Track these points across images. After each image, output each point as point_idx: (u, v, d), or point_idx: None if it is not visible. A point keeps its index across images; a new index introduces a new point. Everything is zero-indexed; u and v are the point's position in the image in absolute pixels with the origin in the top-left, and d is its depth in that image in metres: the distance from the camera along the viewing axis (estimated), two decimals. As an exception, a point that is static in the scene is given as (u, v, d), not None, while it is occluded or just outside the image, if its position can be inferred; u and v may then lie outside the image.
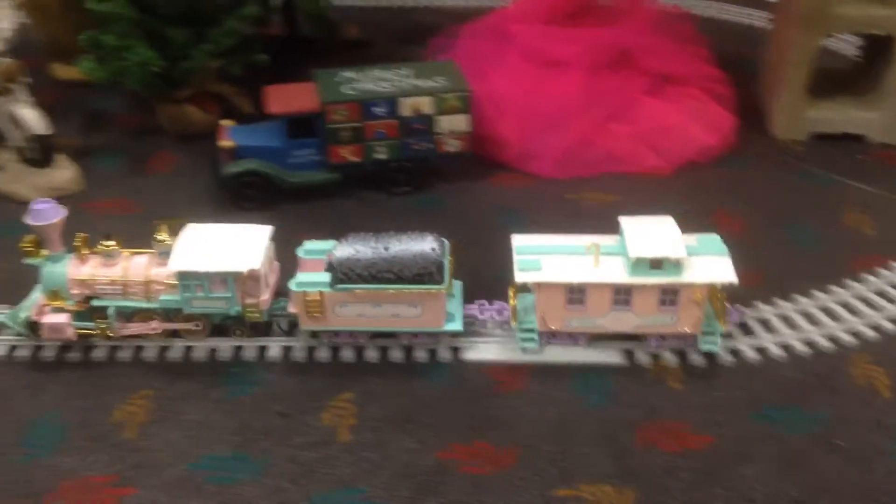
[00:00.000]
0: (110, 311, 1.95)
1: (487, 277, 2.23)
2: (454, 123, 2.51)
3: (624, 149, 2.67)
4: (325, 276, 1.93)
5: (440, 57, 3.11)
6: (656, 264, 1.88)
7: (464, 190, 2.63)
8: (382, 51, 3.40)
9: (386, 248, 1.94)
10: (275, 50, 2.92)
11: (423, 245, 1.95)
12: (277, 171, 2.48)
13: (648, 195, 2.59)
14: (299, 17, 3.23)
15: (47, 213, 1.94)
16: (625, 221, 1.97)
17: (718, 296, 1.97)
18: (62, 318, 1.94)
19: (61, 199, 2.46)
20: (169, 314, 1.98)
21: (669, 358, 2.00)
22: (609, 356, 2.01)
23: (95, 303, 1.95)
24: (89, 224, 2.35)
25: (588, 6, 2.86)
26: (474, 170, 2.67)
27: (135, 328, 1.98)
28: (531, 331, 2.00)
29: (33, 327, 1.94)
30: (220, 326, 2.02)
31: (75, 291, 1.95)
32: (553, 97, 2.68)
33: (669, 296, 1.92)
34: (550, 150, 2.66)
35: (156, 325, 1.98)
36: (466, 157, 2.59)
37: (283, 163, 2.49)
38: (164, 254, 1.93)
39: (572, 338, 2.01)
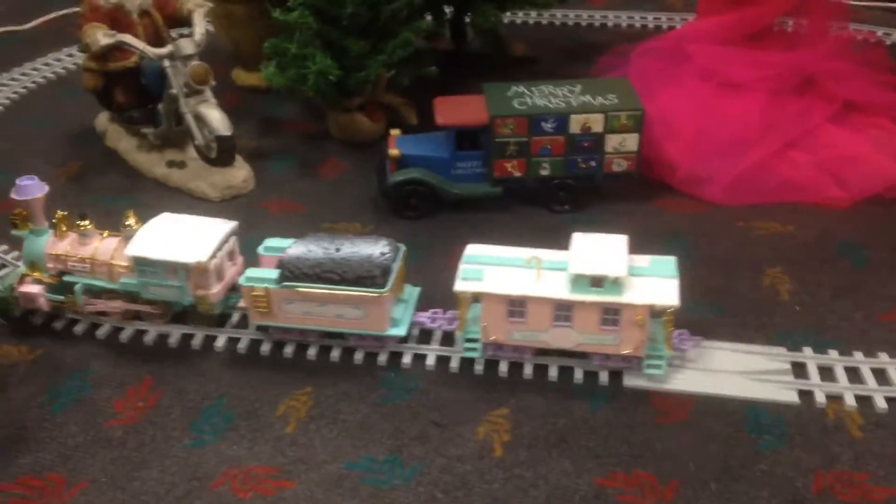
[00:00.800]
0: (77, 288, 2.04)
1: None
2: (623, 143, 2.44)
3: (803, 177, 2.52)
4: (274, 273, 1.96)
5: (610, 75, 3.07)
6: (596, 282, 1.85)
7: (626, 211, 2.55)
8: (548, 67, 3.38)
9: (337, 250, 1.97)
10: (442, 64, 2.96)
11: (374, 249, 1.96)
12: (441, 181, 2.50)
13: (826, 228, 2.43)
14: (468, 33, 3.27)
15: (30, 189, 2.05)
16: (576, 237, 1.95)
17: (667, 319, 1.89)
18: (35, 289, 2.06)
19: (235, 197, 2.63)
20: (131, 296, 2.04)
21: (849, 402, 1.85)
22: (783, 394, 1.88)
23: (66, 278, 2.06)
24: (260, 223, 2.48)
25: (770, 29, 2.72)
26: (638, 191, 2.59)
27: (100, 306, 2.07)
28: (475, 340, 1.97)
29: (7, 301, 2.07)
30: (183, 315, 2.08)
31: (50, 265, 2.07)
32: (729, 120, 2.57)
33: (611, 315, 1.87)
34: (722, 175, 2.54)
35: (117, 306, 2.06)
36: (632, 177, 2.52)
37: (447, 174, 2.51)
38: (130, 238, 2.01)
39: (517, 351, 1.97)
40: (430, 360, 2.00)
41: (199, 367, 2.00)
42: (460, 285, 1.91)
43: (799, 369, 1.96)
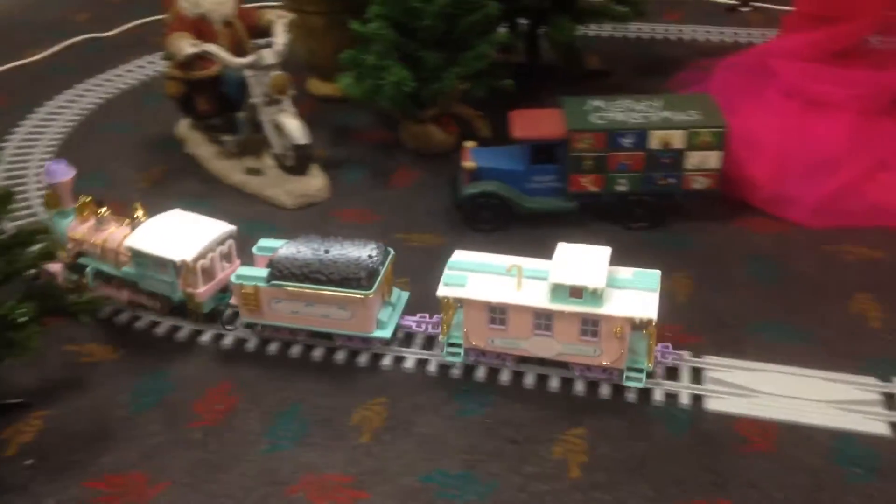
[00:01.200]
0: (88, 270, 2.12)
1: (729, 327, 2.11)
2: (705, 160, 2.39)
3: (892, 200, 2.43)
4: (264, 272, 1.99)
5: (685, 90, 3.01)
6: (576, 293, 1.85)
7: (705, 230, 2.49)
8: (622, 81, 3.34)
9: (326, 251, 1.99)
10: (515, 75, 2.95)
11: (362, 252, 2.01)
12: (515, 195, 2.48)
13: (920, 254, 2.35)
14: (542, 45, 3.25)
15: (58, 173, 2.18)
16: (560, 247, 1.97)
17: (648, 332, 1.88)
18: (56, 267, 2.14)
19: (310, 205, 2.65)
20: (133, 286, 2.10)
21: (946, 438, 1.77)
22: (873, 426, 1.81)
23: (81, 260, 2.14)
24: (333, 232, 2.48)
25: (858, 46, 2.63)
26: (718, 209, 2.53)
27: (108, 291, 2.14)
28: (457, 346, 1.99)
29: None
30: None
31: (70, 246, 2.14)
32: (815, 139, 2.49)
33: (590, 326, 1.88)
34: (808, 196, 2.46)
35: (123, 293, 2.13)
36: (712, 195, 2.46)
37: (522, 187, 2.49)
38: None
39: (500, 358, 1.98)
40: (505, 377, 1.97)
41: (274, 373, 2.01)
42: (442, 290, 1.96)
43: (890, 400, 1.88)
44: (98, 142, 3.00)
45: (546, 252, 2.17)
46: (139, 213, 2.13)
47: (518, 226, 2.51)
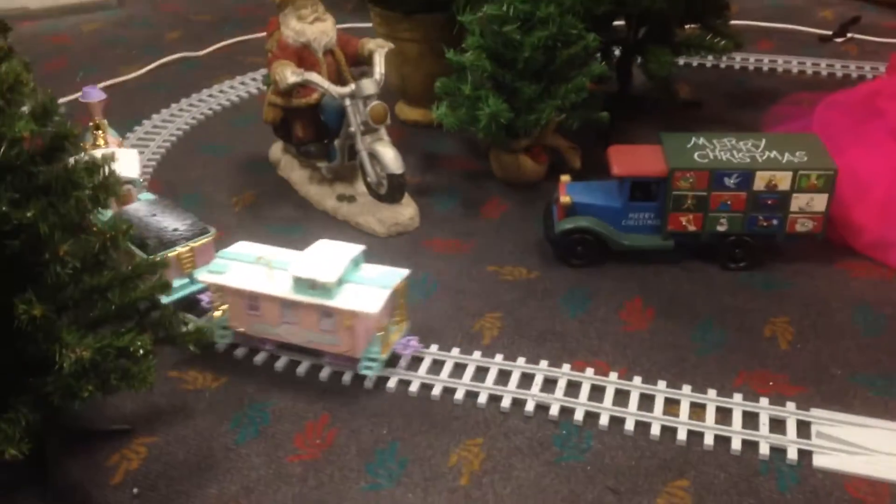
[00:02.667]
0: None
1: (834, 378, 2.04)
2: (811, 203, 2.33)
3: None
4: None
5: (782, 125, 2.95)
6: (312, 285, 2.02)
7: (806, 273, 2.42)
8: (715, 112, 3.28)
9: (153, 215, 2.29)
10: (607, 106, 2.92)
11: (177, 223, 2.27)
12: (610, 231, 2.45)
13: None
14: (634, 74, 3.21)
15: (92, 94, 2.66)
16: (317, 243, 2.14)
17: (380, 324, 2.07)
18: None
19: (401, 234, 2.66)
20: None
21: None
22: None
23: None
24: (424, 262, 2.50)
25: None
26: (819, 253, 2.46)
27: None
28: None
29: None
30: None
31: None
32: (925, 184, 2.42)
33: (327, 316, 2.04)
34: (916, 242, 2.39)
35: None
36: (817, 238, 2.40)
37: (618, 224, 2.45)
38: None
39: (262, 342, 2.15)
40: (604, 420, 1.95)
41: (371, 408, 2.01)
42: (203, 276, 2.17)
43: None
44: (193, 163, 3.06)
45: (645, 291, 2.13)
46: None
47: (613, 262, 2.48)
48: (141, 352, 1.64)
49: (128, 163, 2.53)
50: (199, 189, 2.89)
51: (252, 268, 2.13)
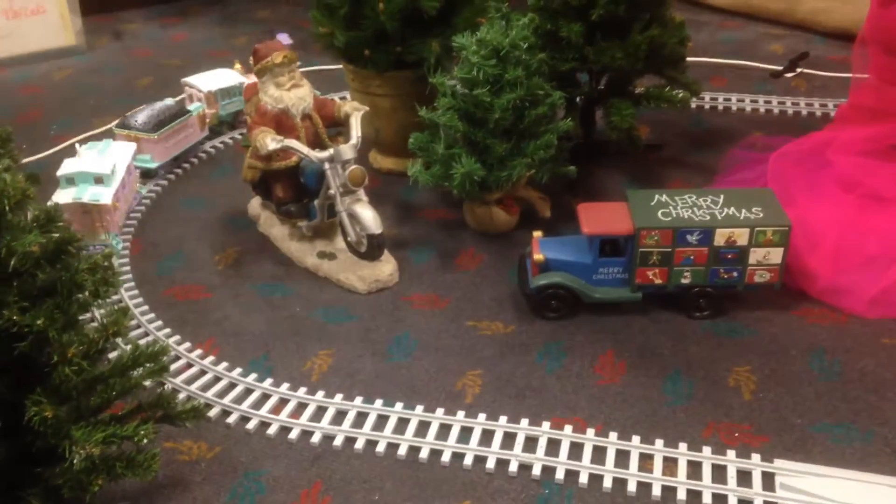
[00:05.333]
0: None
1: (795, 427, 2.18)
2: (768, 256, 2.48)
3: (950, 294, 2.51)
4: None
5: (738, 171, 3.11)
6: None
7: (766, 320, 2.57)
8: (675, 154, 3.44)
9: None
10: (572, 152, 3.06)
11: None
12: (582, 285, 2.57)
13: (978, 351, 2.41)
14: (596, 121, 3.35)
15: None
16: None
17: None
18: None
19: (381, 290, 2.75)
20: None
21: None
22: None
23: None
24: (407, 318, 2.60)
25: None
26: (778, 299, 2.61)
27: None
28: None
29: None
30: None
31: None
32: (873, 232, 2.58)
33: None
34: (865, 288, 2.54)
35: None
36: (774, 288, 2.55)
37: (589, 278, 2.58)
38: None
39: None
40: (560, 474, 2.07)
41: (363, 473, 2.10)
42: None
43: (958, 510, 1.96)
44: (174, 219, 3.12)
45: (616, 342, 2.25)
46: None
47: (585, 314, 2.61)
48: (145, 440, 1.73)
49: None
50: (182, 247, 2.96)
51: None
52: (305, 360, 2.46)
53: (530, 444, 2.16)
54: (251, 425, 2.24)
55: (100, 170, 2.88)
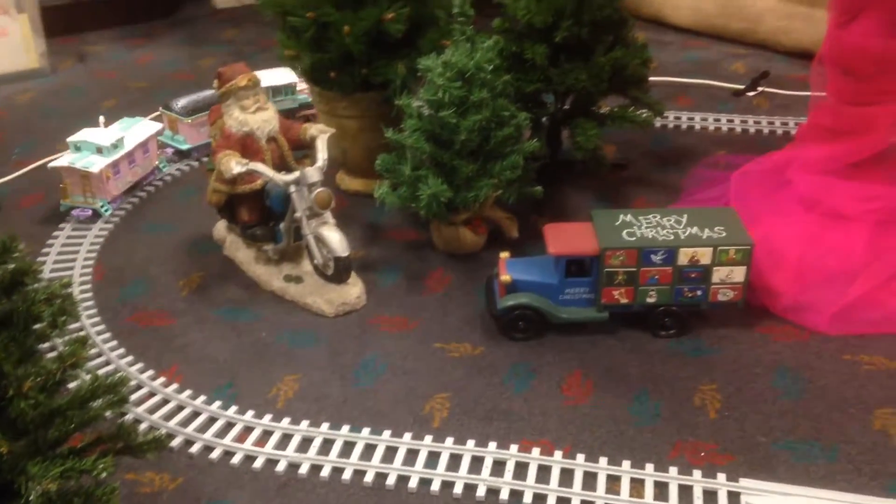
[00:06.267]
0: None
1: (759, 445, 2.20)
2: (731, 275, 2.50)
3: (908, 310, 2.55)
4: None
5: (701, 189, 3.15)
6: None
7: (730, 338, 2.60)
8: (640, 173, 3.47)
9: None
10: (539, 171, 3.08)
11: None
12: (549, 306, 2.58)
13: (938, 366, 2.45)
14: (563, 141, 3.37)
15: None
16: None
17: None
18: None
19: (348, 313, 2.74)
20: None
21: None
22: (906, 556, 1.91)
23: None
24: (374, 342, 2.59)
25: (876, 157, 2.77)
26: (742, 317, 2.64)
27: None
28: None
29: None
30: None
31: None
32: (834, 250, 2.62)
33: None
34: (827, 305, 2.58)
35: None
36: (738, 306, 2.58)
37: (556, 299, 2.59)
38: None
39: None
40: (528, 498, 2.06)
41: (329, 501, 2.08)
42: None
43: (920, 526, 1.98)
44: (138, 244, 3.09)
45: (586, 362, 2.25)
46: None
47: (553, 334, 2.61)
48: (104, 474, 1.69)
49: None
50: (145, 273, 2.93)
51: None
52: (271, 386, 2.44)
53: (498, 468, 2.16)
54: (215, 454, 2.21)
55: (102, 142, 3.19)
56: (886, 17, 2.62)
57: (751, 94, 4.11)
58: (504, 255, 2.69)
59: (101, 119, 3.32)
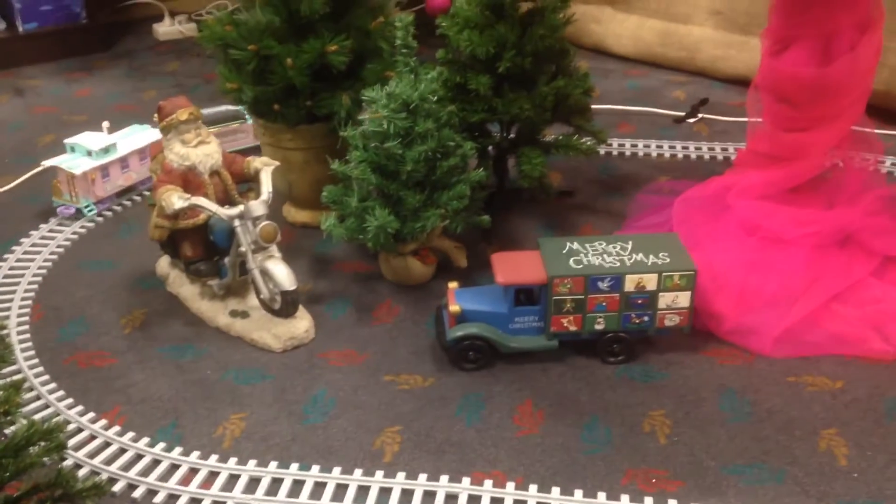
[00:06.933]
0: None
1: (708, 470, 2.21)
2: (676, 300, 2.54)
3: (848, 331, 2.61)
4: None
5: (645, 216, 3.19)
6: None
7: (677, 363, 2.62)
8: (585, 200, 3.50)
9: None
10: (486, 200, 3.09)
11: None
12: (499, 335, 2.58)
13: (875, 384, 2.50)
14: (510, 169, 3.39)
15: None
16: None
17: None
18: None
19: (296, 347, 2.70)
20: None
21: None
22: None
23: None
24: (324, 376, 2.55)
25: (812, 182, 2.85)
26: (689, 341, 2.67)
27: None
28: None
29: None
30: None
31: None
32: (774, 273, 2.67)
33: None
34: (769, 328, 2.62)
35: None
36: (684, 331, 2.61)
37: (505, 328, 2.59)
38: None
39: None
40: None
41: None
42: None
43: (865, 545, 2.02)
44: (77, 282, 3.00)
45: (536, 391, 2.24)
46: None
47: (504, 363, 2.61)
48: (41, 524, 1.63)
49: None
50: (85, 311, 2.84)
51: None
52: (216, 425, 2.38)
53: (451, 501, 2.14)
54: (159, 499, 2.14)
55: (93, 146, 3.35)
56: (818, 46, 2.71)
57: (691, 120, 4.21)
58: (452, 285, 2.68)
59: (105, 125, 3.48)
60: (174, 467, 2.23)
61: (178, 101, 2.66)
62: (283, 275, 2.60)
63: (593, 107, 3.31)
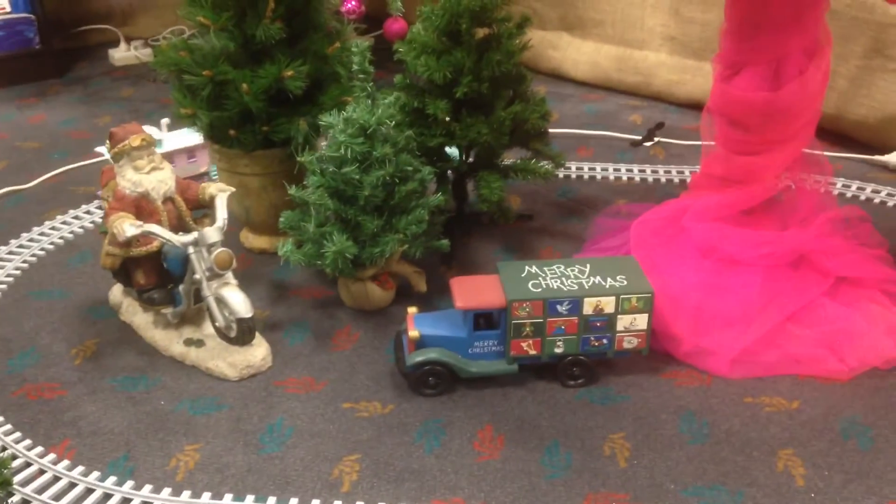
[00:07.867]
0: None
1: (668, 493, 2.21)
2: (634, 322, 2.55)
3: (803, 351, 2.64)
4: None
5: (603, 238, 3.21)
6: None
7: (637, 385, 2.63)
8: (545, 224, 3.52)
9: None
10: (446, 224, 3.09)
11: None
12: (458, 360, 2.56)
13: (831, 404, 2.52)
14: (469, 194, 3.40)
15: None
16: None
17: None
18: None
19: (253, 375, 2.65)
20: None
21: None
22: None
23: None
24: (281, 405, 2.51)
25: (766, 204, 2.89)
26: (648, 363, 2.68)
27: None
28: None
29: None
30: None
31: None
32: (731, 294, 2.70)
33: None
34: (726, 349, 2.65)
35: None
36: (642, 354, 2.62)
37: (465, 352, 2.58)
38: None
39: None
40: None
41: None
42: None
43: (823, 565, 2.02)
44: (26, 313, 2.92)
45: (495, 417, 2.23)
46: None
47: (463, 388, 2.59)
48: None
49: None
50: (35, 342, 2.77)
51: None
52: (170, 457, 2.32)
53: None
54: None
55: None
56: (768, 71, 2.77)
57: (647, 144, 4.26)
58: (412, 310, 2.66)
59: (164, 122, 3.71)
60: (126, 501, 2.17)
61: (131, 128, 2.61)
62: (238, 302, 2.56)
63: (552, 131, 3.35)
